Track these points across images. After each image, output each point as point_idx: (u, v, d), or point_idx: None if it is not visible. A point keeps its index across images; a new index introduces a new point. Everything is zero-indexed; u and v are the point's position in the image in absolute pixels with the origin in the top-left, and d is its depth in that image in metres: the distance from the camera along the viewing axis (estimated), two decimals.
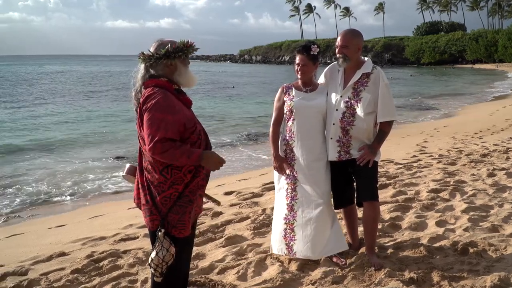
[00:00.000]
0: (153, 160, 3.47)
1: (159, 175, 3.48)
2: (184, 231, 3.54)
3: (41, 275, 5.15)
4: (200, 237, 6.04)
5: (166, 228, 3.49)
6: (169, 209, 3.49)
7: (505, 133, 14.68)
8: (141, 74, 3.59)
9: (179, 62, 3.57)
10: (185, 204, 3.51)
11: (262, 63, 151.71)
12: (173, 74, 3.58)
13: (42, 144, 17.64)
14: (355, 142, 4.85)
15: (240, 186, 9.40)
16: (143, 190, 3.60)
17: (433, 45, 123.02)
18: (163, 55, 3.49)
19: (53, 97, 38.27)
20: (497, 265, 4.77)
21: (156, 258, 3.44)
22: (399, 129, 18.00)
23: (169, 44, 3.52)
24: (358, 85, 4.82)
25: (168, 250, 3.44)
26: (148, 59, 3.52)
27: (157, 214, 3.52)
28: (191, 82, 3.68)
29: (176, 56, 3.53)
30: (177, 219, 3.49)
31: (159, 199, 3.48)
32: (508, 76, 66.61)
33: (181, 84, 3.63)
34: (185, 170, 3.49)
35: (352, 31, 4.97)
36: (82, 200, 10.68)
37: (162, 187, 3.48)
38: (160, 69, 3.55)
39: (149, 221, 3.58)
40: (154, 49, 3.55)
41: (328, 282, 4.59)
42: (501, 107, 24.89)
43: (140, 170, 3.65)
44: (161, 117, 3.33)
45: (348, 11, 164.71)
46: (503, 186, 7.78)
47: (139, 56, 3.56)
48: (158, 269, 3.47)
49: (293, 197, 4.98)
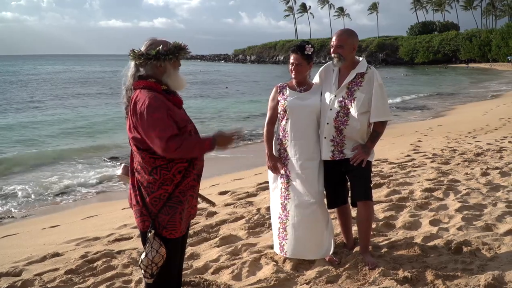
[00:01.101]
0: (142, 161, 3.45)
1: (148, 176, 3.45)
2: (175, 232, 3.52)
3: (35, 276, 5.13)
4: (194, 237, 6.03)
5: (156, 229, 3.47)
6: (159, 210, 3.46)
7: (498, 132, 14.73)
8: (131, 72, 3.55)
9: (169, 64, 3.52)
10: (175, 205, 3.49)
11: (256, 63, 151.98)
12: (162, 76, 3.54)
13: (34, 144, 17.60)
14: (349, 141, 4.85)
15: (234, 185, 9.40)
16: (133, 191, 3.58)
17: (426, 45, 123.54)
18: (152, 56, 3.45)
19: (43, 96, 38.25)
20: (491, 264, 4.79)
21: (146, 259, 3.41)
22: (393, 128, 18.03)
23: (161, 46, 3.47)
24: (352, 85, 4.82)
25: (158, 251, 3.41)
26: (138, 58, 3.48)
27: (147, 215, 3.49)
28: (180, 85, 3.64)
29: (166, 58, 3.49)
30: (168, 220, 3.47)
31: (149, 199, 3.46)
32: (503, 75, 66.89)
33: (170, 86, 3.57)
34: (174, 170, 3.46)
35: (347, 31, 4.97)
36: (75, 200, 10.65)
37: (152, 187, 3.45)
38: (149, 69, 3.51)
39: (139, 222, 3.56)
40: (145, 48, 3.50)
41: (323, 281, 4.59)
42: (495, 107, 25.00)
43: (131, 171, 3.64)
44: (160, 116, 3.31)
45: (343, 11, 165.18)
46: (497, 185, 7.80)
47: (129, 54, 3.52)
48: (148, 271, 3.44)
49: (286, 197, 4.98)
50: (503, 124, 17.01)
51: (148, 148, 3.41)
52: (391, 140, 14.43)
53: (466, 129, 15.91)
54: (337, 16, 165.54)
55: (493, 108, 24.34)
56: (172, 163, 3.45)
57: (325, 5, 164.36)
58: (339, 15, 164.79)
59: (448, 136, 14.44)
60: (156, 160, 3.43)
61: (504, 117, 19.05)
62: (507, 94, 36.60)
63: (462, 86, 48.96)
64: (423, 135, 15.44)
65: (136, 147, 3.46)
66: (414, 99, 35.53)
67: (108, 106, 30.80)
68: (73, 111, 28.88)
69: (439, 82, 56.18)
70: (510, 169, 8.83)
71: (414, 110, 28.11)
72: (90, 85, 53.70)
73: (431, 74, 78.91)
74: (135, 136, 3.43)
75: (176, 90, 3.64)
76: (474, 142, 12.83)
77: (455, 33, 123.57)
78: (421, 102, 33.58)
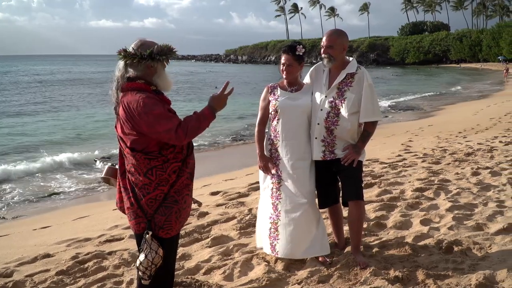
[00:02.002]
0: (137, 162, 3.44)
1: (143, 177, 3.44)
2: (171, 231, 3.53)
3: (26, 277, 5.11)
4: (186, 238, 6.03)
5: (153, 230, 3.47)
6: (155, 210, 3.47)
7: (489, 132, 14.79)
8: (121, 73, 3.52)
9: (159, 65, 3.53)
10: (171, 205, 3.49)
11: (248, 63, 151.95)
12: (152, 76, 3.54)
13: (24, 146, 17.53)
14: (340, 142, 4.86)
15: (226, 186, 9.39)
16: (126, 193, 3.56)
17: (417, 45, 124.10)
18: (147, 56, 3.44)
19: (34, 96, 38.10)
20: (482, 264, 4.81)
21: (146, 261, 3.41)
22: (385, 128, 18.07)
23: (155, 46, 3.48)
24: (342, 85, 4.83)
25: (156, 252, 3.42)
26: (131, 58, 3.46)
27: (143, 217, 3.49)
28: (168, 85, 3.65)
29: (160, 59, 3.49)
30: (164, 220, 3.47)
31: (144, 201, 3.46)
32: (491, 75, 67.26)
33: (159, 86, 3.58)
34: (169, 171, 3.47)
35: (337, 31, 4.98)
36: (66, 201, 10.60)
37: (147, 189, 3.45)
38: (140, 69, 3.50)
39: (134, 224, 3.55)
40: (135, 48, 3.48)
41: (314, 281, 4.60)
42: (485, 106, 25.10)
43: (122, 173, 3.62)
44: (160, 112, 3.34)
45: (334, 11, 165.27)
46: (487, 184, 7.84)
47: (119, 52, 3.49)
48: (147, 272, 3.44)
49: (277, 197, 4.98)
50: (494, 124, 17.08)
51: (144, 149, 3.41)
52: (382, 140, 14.47)
53: (457, 129, 15.97)
54: (328, 17, 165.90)
55: (483, 108, 24.44)
56: (167, 163, 3.46)
57: (316, 6, 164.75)
58: (330, 15, 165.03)
59: (439, 136, 14.48)
60: (151, 161, 3.43)
61: (494, 117, 19.13)
62: (497, 94, 36.77)
63: (453, 86, 49.13)
64: (414, 135, 15.48)
65: (130, 149, 3.45)
66: (404, 99, 35.59)
67: (98, 107, 30.69)
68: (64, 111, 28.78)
69: (429, 82, 56.39)
70: (500, 169, 8.87)
71: (405, 110, 28.18)
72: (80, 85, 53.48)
73: (420, 74, 79.19)
74: (131, 138, 3.42)
75: (164, 90, 3.65)
76: (465, 142, 12.88)
77: (445, 33, 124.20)
78: (412, 102, 33.69)
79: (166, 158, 3.45)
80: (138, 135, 3.38)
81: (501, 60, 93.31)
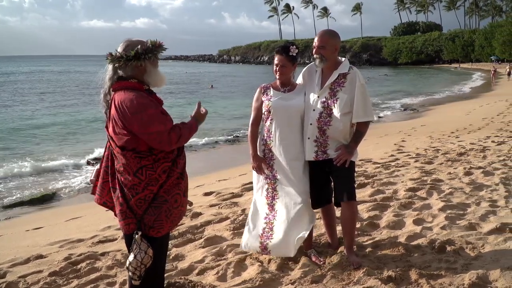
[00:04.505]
0: (127, 161, 3.42)
1: (133, 177, 3.43)
2: (162, 230, 3.52)
3: (19, 278, 5.09)
4: (179, 238, 6.01)
5: (142, 230, 3.46)
6: (145, 211, 3.45)
7: (481, 132, 14.84)
8: (109, 76, 3.52)
9: (148, 63, 3.52)
10: (160, 205, 3.48)
11: (241, 63, 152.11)
12: (143, 75, 3.53)
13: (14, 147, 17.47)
14: (332, 142, 4.86)
15: (219, 186, 9.38)
16: (115, 193, 3.56)
17: (410, 46, 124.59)
18: (132, 57, 3.43)
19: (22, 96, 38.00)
20: (474, 263, 4.82)
21: (135, 261, 3.40)
22: (377, 128, 18.12)
23: (139, 45, 3.46)
24: (335, 85, 4.83)
25: (146, 252, 3.41)
26: (117, 61, 3.45)
27: (132, 217, 3.48)
28: (160, 82, 3.64)
29: (146, 57, 3.48)
30: (154, 219, 3.46)
31: (133, 201, 3.44)
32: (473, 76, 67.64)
33: (151, 84, 3.58)
34: (159, 170, 3.45)
35: (329, 32, 4.98)
36: (59, 202, 10.58)
37: (136, 189, 3.43)
38: (129, 70, 3.49)
39: (124, 225, 3.53)
40: (122, 49, 3.48)
41: (308, 281, 4.60)
42: (478, 106, 25.22)
43: (112, 174, 3.60)
44: (154, 112, 3.34)
45: (326, 11, 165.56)
46: (480, 184, 7.86)
47: (107, 57, 3.50)
48: (137, 272, 3.44)
49: (273, 197, 4.99)
50: (486, 124, 17.15)
51: (134, 148, 3.39)
52: (375, 140, 14.50)
53: (449, 129, 16.02)
54: (320, 17, 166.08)
55: (476, 108, 24.55)
56: (158, 162, 3.44)
57: (309, 6, 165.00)
58: (323, 16, 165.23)
59: (432, 136, 14.53)
60: (141, 160, 3.41)
61: (487, 117, 19.22)
62: (488, 94, 36.92)
63: (444, 86, 49.30)
64: (407, 135, 15.53)
65: (121, 148, 3.43)
66: (398, 100, 35.70)
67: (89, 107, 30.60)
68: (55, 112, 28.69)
69: (421, 82, 56.58)
70: (493, 169, 8.90)
71: (398, 110, 28.27)
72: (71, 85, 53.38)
73: (412, 74, 79.41)
74: (121, 137, 3.40)
75: (157, 87, 3.65)
76: (457, 141, 12.92)
77: (438, 33, 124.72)
78: (404, 102, 33.80)
79: (157, 158, 3.43)
80: (129, 134, 3.36)
81: (493, 60, 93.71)
